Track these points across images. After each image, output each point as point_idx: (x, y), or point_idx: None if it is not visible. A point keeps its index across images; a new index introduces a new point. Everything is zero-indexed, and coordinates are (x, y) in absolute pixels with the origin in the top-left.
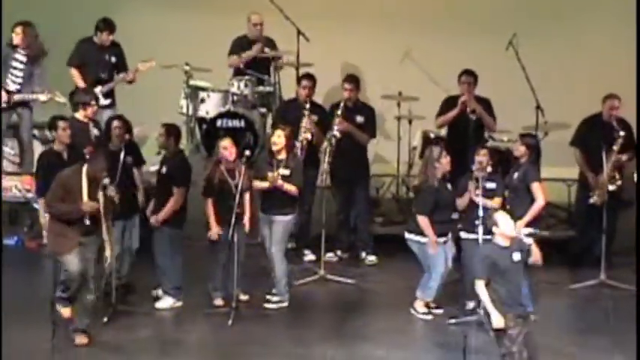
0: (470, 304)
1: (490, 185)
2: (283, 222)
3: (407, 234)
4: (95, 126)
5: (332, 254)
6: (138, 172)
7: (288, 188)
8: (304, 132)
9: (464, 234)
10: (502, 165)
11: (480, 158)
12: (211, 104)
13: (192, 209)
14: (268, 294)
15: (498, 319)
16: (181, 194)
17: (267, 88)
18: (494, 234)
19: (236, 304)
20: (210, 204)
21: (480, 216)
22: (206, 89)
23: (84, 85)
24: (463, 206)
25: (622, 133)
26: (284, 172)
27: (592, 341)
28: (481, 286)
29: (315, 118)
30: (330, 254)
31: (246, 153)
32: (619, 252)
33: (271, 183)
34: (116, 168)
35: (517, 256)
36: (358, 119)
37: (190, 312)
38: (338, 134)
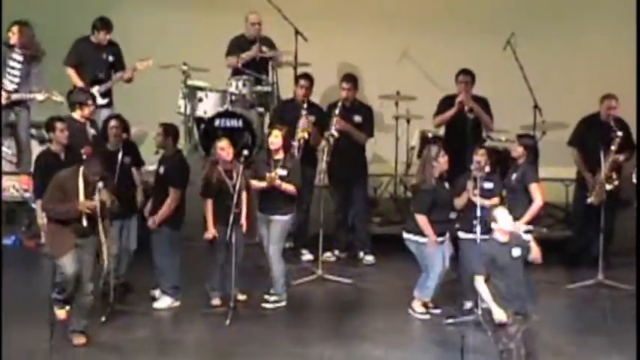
0: (467, 304)
1: (488, 185)
2: (281, 222)
3: (405, 234)
4: (92, 126)
5: (330, 254)
6: (137, 173)
7: (286, 188)
8: (301, 131)
9: (462, 234)
10: (500, 165)
11: (478, 158)
12: (209, 104)
13: (190, 209)
14: (266, 294)
15: (500, 313)
16: (177, 195)
17: (265, 88)
18: (492, 231)
19: (234, 304)
20: (209, 204)
21: (478, 216)
22: (204, 89)
23: (81, 85)
24: (461, 206)
25: (619, 133)
26: (281, 173)
27: (590, 341)
28: (481, 282)
29: (312, 119)
30: (328, 254)
31: (244, 152)
32: (617, 252)
33: (269, 183)
34: (114, 168)
35: (516, 252)
36: (356, 119)
37: (188, 312)
38: (336, 134)
